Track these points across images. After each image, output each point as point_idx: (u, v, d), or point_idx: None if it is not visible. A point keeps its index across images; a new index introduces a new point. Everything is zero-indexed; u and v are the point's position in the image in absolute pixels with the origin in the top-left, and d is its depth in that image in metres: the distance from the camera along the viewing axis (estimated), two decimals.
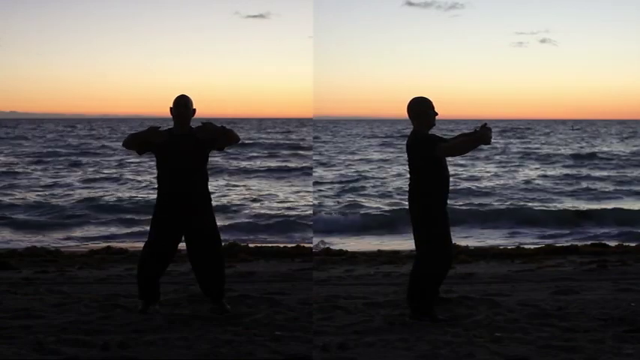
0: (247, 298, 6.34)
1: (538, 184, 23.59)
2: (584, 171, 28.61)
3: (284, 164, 31.65)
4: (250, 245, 10.75)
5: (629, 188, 22.76)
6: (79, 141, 51.32)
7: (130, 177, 25.42)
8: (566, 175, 26.52)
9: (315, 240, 12.53)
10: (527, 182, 24.13)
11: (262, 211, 17.12)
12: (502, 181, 24.46)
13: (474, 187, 22.16)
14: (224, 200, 18.67)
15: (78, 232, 14.59)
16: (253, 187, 22.57)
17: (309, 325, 5.43)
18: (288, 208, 17.66)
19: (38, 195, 20.27)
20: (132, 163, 30.63)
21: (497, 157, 35.27)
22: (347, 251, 10.61)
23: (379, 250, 11.10)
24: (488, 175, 26.85)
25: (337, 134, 65.98)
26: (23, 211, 17.03)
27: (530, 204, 18.56)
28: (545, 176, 26.26)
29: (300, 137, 55.88)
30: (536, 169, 30.04)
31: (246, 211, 17.14)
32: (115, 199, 19.06)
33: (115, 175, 25.89)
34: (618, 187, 22.95)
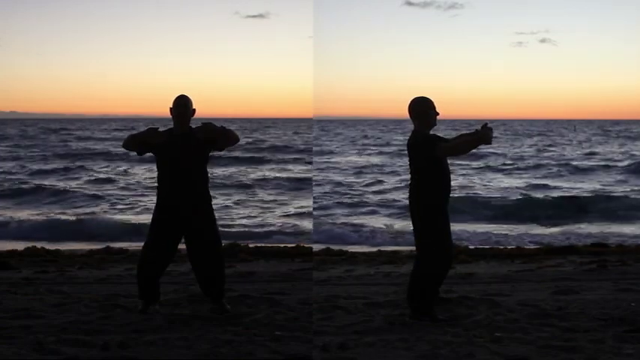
0: (247, 298, 6.34)
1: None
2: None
3: (282, 168, 31.43)
4: (250, 245, 10.76)
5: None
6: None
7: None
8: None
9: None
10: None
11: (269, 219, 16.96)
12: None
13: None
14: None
15: None
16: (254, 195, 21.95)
17: (309, 325, 5.43)
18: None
19: None
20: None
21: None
22: (347, 251, 10.61)
23: (379, 250, 11.11)
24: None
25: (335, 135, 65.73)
26: None
27: None
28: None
29: (301, 139, 55.68)
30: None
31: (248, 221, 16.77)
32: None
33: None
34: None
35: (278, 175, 27.97)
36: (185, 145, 5.77)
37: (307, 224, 15.98)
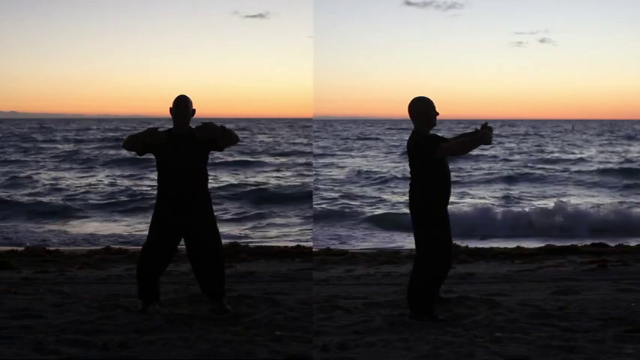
0: (247, 298, 6.34)
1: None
2: None
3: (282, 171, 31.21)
4: (250, 245, 10.76)
5: None
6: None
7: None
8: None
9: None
10: None
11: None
12: None
13: None
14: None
15: None
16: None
17: (309, 325, 5.43)
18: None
19: None
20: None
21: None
22: (347, 251, 10.61)
23: (379, 250, 11.10)
24: None
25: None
26: None
27: None
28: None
29: (301, 140, 55.52)
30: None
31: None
32: None
33: None
34: None
35: (277, 175, 27.93)
36: (185, 145, 5.77)
37: (307, 225, 15.96)
